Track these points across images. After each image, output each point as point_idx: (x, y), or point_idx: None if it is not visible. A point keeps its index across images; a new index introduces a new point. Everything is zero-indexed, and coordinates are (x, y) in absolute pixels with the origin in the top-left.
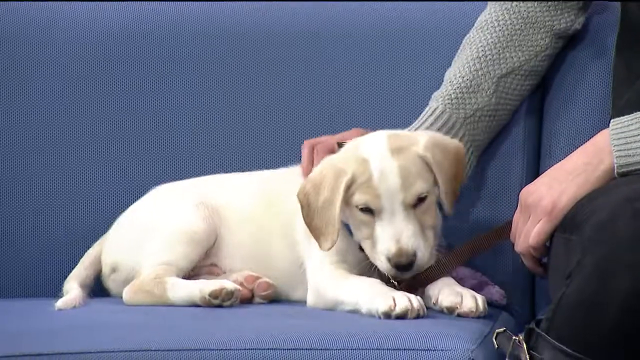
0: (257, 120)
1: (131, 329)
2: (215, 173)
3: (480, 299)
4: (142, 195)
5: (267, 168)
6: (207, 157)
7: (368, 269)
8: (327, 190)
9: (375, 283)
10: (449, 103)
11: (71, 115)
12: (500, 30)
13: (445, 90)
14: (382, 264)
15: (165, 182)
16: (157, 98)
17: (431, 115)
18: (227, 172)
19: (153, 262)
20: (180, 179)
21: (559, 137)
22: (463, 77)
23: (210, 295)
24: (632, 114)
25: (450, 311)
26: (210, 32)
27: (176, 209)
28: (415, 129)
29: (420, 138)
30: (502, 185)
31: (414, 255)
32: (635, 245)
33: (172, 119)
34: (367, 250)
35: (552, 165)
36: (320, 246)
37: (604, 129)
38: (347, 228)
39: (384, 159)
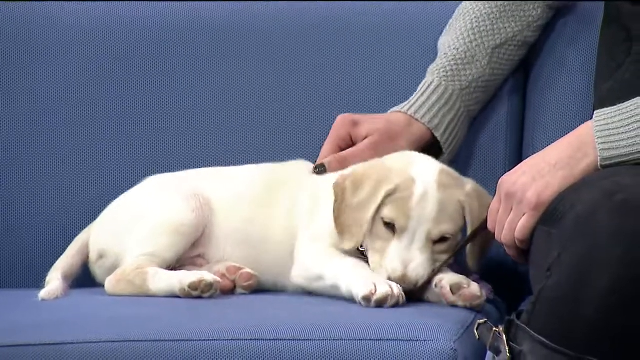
0: (252, 114)
1: (115, 319)
2: (210, 166)
3: (484, 291)
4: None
5: (262, 161)
6: (202, 150)
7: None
8: (366, 192)
9: (359, 264)
10: (444, 76)
11: (66, 106)
12: (493, 1)
13: (441, 63)
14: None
15: (159, 173)
16: (153, 90)
17: (427, 89)
18: (222, 165)
19: (137, 252)
20: (175, 170)
21: (542, 124)
22: (457, 49)
23: (189, 286)
24: (615, 106)
25: (454, 290)
26: (206, 27)
27: (165, 200)
28: (412, 104)
29: (467, 184)
30: (485, 173)
31: (415, 285)
32: (614, 240)
33: (166, 112)
34: (370, 259)
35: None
36: (342, 244)
37: (586, 113)
38: None
39: (429, 187)
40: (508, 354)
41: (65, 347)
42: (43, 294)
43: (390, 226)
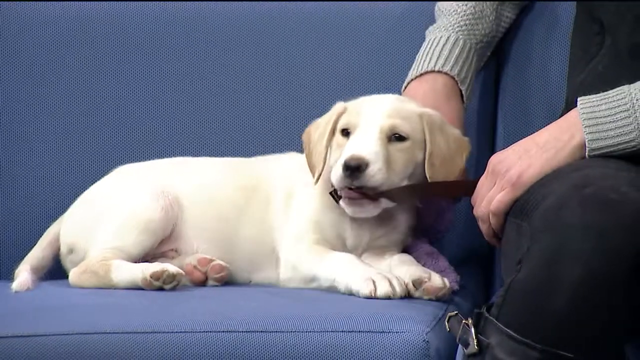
0: (245, 108)
1: (86, 311)
2: (184, 155)
3: (447, 280)
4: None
5: (252, 154)
6: (188, 141)
7: (343, 245)
8: (323, 124)
9: (352, 259)
10: (459, 31)
11: (40, 93)
12: None
13: (454, 20)
14: (337, 173)
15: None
16: (140, 82)
17: (445, 44)
18: (197, 156)
19: (104, 245)
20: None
21: (515, 115)
22: (466, 4)
23: (151, 276)
24: (600, 94)
25: (416, 285)
26: (194, 20)
27: (135, 195)
28: (436, 59)
29: (429, 109)
30: None
31: (366, 165)
32: (583, 234)
33: (152, 104)
34: (332, 172)
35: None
36: (313, 183)
37: (558, 103)
38: (332, 198)
39: (384, 97)
40: (476, 347)
41: (38, 339)
42: (15, 285)
43: (346, 133)
